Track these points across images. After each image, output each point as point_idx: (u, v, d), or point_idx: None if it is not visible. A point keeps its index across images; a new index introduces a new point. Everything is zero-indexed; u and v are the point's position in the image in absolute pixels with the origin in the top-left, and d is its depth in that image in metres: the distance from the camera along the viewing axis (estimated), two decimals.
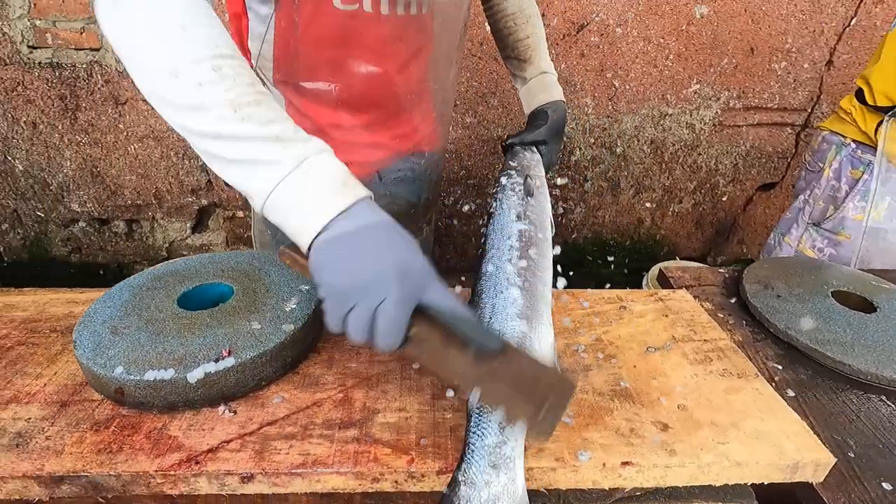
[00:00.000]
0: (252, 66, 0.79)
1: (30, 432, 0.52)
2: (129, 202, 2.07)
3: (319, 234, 0.46)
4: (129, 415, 0.55)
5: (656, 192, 2.15)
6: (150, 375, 0.52)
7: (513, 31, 0.96)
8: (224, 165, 0.49)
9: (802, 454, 0.53)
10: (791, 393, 0.69)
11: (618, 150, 2.05)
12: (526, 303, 0.58)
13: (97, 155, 1.96)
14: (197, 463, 0.49)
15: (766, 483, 0.55)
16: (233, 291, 0.66)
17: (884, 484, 0.57)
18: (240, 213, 2.15)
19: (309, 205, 0.46)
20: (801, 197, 1.21)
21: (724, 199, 2.19)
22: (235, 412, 0.55)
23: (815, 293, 0.85)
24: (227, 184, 0.49)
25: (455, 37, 0.88)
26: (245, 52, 0.78)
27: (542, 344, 0.56)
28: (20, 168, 1.98)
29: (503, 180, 0.76)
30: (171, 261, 0.73)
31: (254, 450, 0.51)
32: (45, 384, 0.58)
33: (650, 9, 1.78)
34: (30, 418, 0.54)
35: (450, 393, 0.59)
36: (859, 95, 1.09)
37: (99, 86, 1.83)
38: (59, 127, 1.90)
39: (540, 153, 0.86)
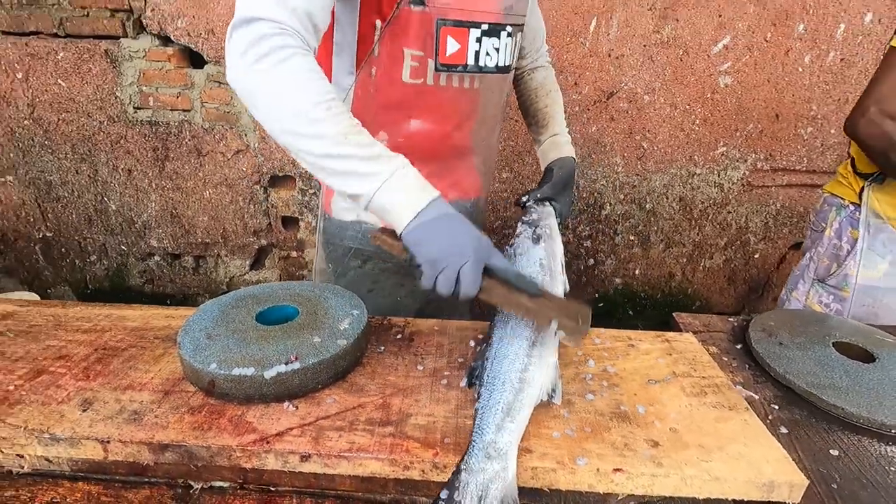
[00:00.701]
0: None
1: (142, 411, 0.67)
2: (200, 240, 2.33)
3: (411, 221, 0.66)
4: (216, 404, 0.69)
5: (686, 247, 2.22)
6: (237, 371, 0.67)
7: (534, 102, 1.13)
8: (335, 177, 0.68)
9: (778, 475, 0.61)
10: (784, 430, 0.76)
11: (647, 206, 2.15)
12: (531, 333, 0.70)
13: (178, 198, 2.24)
14: (267, 442, 0.62)
15: (746, 500, 0.62)
16: (298, 312, 0.81)
17: None
18: (293, 254, 2.37)
19: (401, 202, 0.67)
20: (808, 255, 1.28)
21: (756, 256, 2.23)
22: (297, 407, 0.69)
23: (817, 342, 0.92)
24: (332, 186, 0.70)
25: (498, 105, 1.05)
26: None
27: (544, 364, 0.67)
28: (113, 208, 2.28)
29: (518, 230, 0.90)
30: (249, 287, 0.90)
31: (311, 436, 0.64)
32: (152, 377, 0.74)
33: (676, 79, 1.93)
34: (142, 401, 0.69)
35: (463, 382, 0.71)
36: (852, 161, 1.18)
37: (186, 140, 2.13)
38: (150, 174, 2.21)
39: (552, 206, 0.99)
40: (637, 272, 2.28)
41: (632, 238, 2.22)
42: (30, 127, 2.13)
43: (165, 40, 1.99)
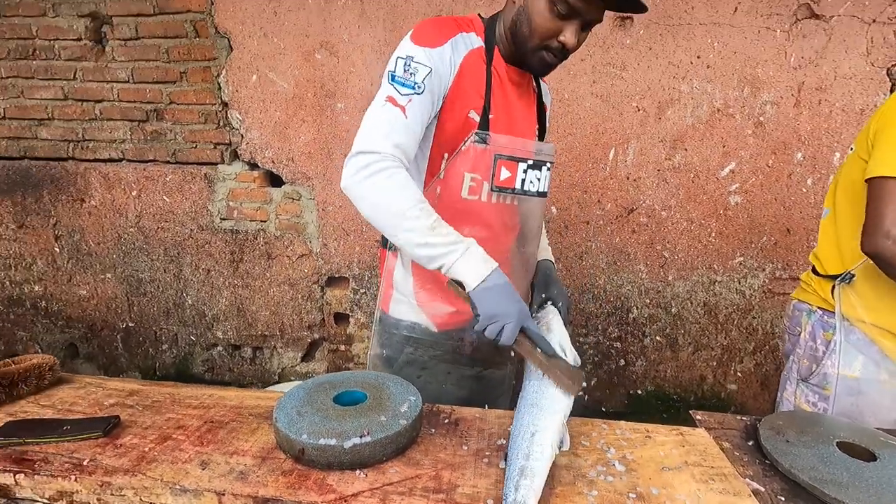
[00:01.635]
0: None
1: (247, 472, 0.85)
2: (260, 332, 2.58)
3: (477, 286, 0.94)
4: (303, 469, 0.86)
5: (715, 351, 2.30)
6: (322, 441, 0.85)
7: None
8: (425, 257, 0.96)
9: None
10: None
11: (673, 310, 2.29)
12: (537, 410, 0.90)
13: (245, 295, 2.55)
14: (344, 501, 0.79)
15: None
16: (366, 396, 1.00)
17: None
18: (342, 347, 2.57)
19: (470, 272, 0.94)
20: (791, 357, 1.38)
21: None
22: (367, 475, 0.85)
23: (821, 441, 1.02)
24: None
25: (537, 223, 1.28)
26: None
27: (550, 430, 0.84)
28: (189, 302, 2.60)
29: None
30: (323, 375, 1.10)
31: (379, 498, 0.79)
32: (251, 446, 0.93)
33: (689, 197, 2.17)
34: (246, 464, 0.87)
35: (502, 464, 0.86)
36: (814, 269, 1.33)
37: (259, 245, 2.48)
38: (224, 273, 2.54)
39: (553, 304, 1.17)
40: (668, 374, 2.35)
41: (660, 339, 2.32)
42: (134, 234, 2.54)
43: (253, 166, 2.42)
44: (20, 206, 2.57)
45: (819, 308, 1.31)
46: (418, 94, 1.01)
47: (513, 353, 1.09)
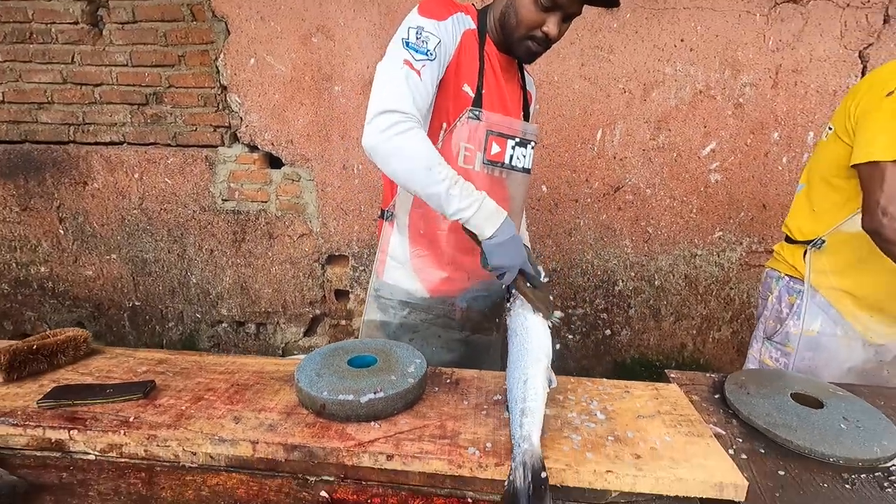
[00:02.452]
0: (394, 198, 1.29)
1: (275, 424, 0.97)
2: (263, 309, 2.69)
3: (490, 238, 1.05)
4: (324, 422, 0.98)
5: (695, 320, 2.45)
6: (341, 397, 0.97)
7: None
8: (446, 207, 1.04)
9: (726, 478, 0.85)
10: (744, 456, 0.99)
11: (656, 282, 2.43)
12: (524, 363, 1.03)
13: (248, 273, 2.64)
14: (363, 446, 0.91)
15: (707, 498, 0.86)
16: (377, 360, 1.12)
17: None
18: (342, 322, 2.69)
19: (485, 223, 1.05)
20: (760, 318, 1.53)
21: None
22: (380, 425, 0.97)
23: (777, 393, 1.16)
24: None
25: (522, 198, 1.38)
26: (394, 193, 1.29)
27: (537, 377, 0.97)
28: (194, 281, 2.69)
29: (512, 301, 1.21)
30: (337, 342, 1.21)
31: (393, 444, 0.92)
32: (276, 404, 1.04)
33: (672, 175, 2.29)
34: (273, 419, 0.99)
35: (506, 414, 0.99)
36: (787, 238, 1.47)
37: (261, 225, 2.56)
38: (227, 253, 2.63)
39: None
40: (651, 342, 2.50)
41: (644, 311, 2.47)
42: (137, 215, 2.61)
43: (253, 148, 2.48)
44: (23, 189, 2.62)
45: (787, 275, 1.46)
46: (431, 60, 1.07)
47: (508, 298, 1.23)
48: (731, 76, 2.15)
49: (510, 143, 1.23)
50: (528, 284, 1.08)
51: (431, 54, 1.08)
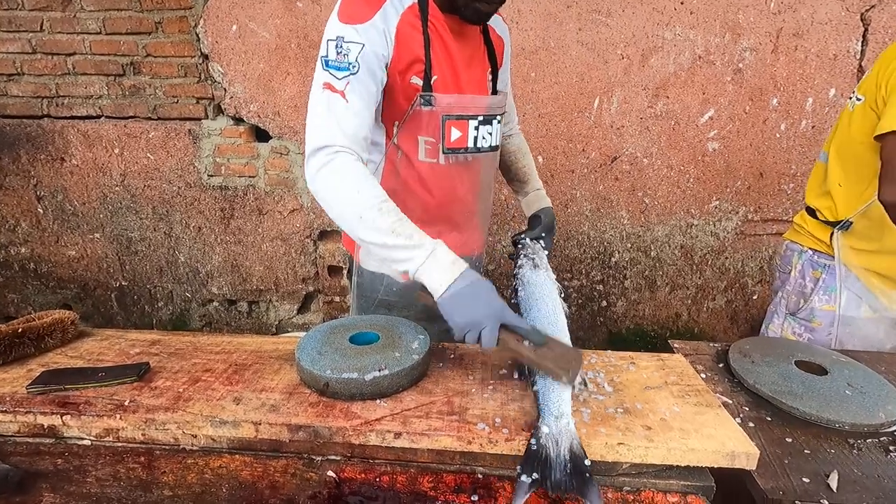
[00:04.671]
0: None
1: (277, 405, 0.94)
2: (255, 287, 2.64)
3: (443, 293, 0.91)
4: (327, 401, 0.95)
5: (690, 290, 2.46)
6: (345, 375, 0.94)
7: (514, 162, 1.43)
8: (388, 259, 0.95)
9: (737, 447, 0.85)
10: (751, 425, 0.99)
11: (652, 253, 2.42)
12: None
13: (238, 251, 2.58)
14: (370, 424, 0.89)
15: (719, 468, 0.85)
16: (379, 337, 1.09)
17: (804, 478, 0.86)
18: (336, 298, 2.66)
19: (436, 278, 0.91)
20: (779, 293, 1.52)
21: (755, 297, 2.45)
22: (386, 403, 0.95)
23: (782, 361, 1.16)
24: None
25: (492, 175, 1.34)
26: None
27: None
28: (182, 259, 2.63)
29: (521, 262, 1.18)
30: (336, 319, 1.18)
31: (400, 421, 0.90)
32: (277, 383, 1.01)
33: (670, 145, 2.25)
34: (275, 399, 0.96)
35: (515, 375, 0.98)
36: (809, 211, 1.45)
37: (250, 201, 2.49)
38: (216, 230, 2.56)
39: (541, 244, 1.26)
40: (647, 312, 2.52)
41: (640, 282, 2.47)
42: (120, 192, 2.52)
43: (238, 120, 2.39)
44: None
45: (810, 249, 1.44)
46: (354, 74, 0.97)
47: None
48: (731, 40, 2.09)
49: (472, 123, 1.14)
50: (527, 342, 0.88)
51: (354, 66, 0.97)
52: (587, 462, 0.79)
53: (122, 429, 0.92)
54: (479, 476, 0.89)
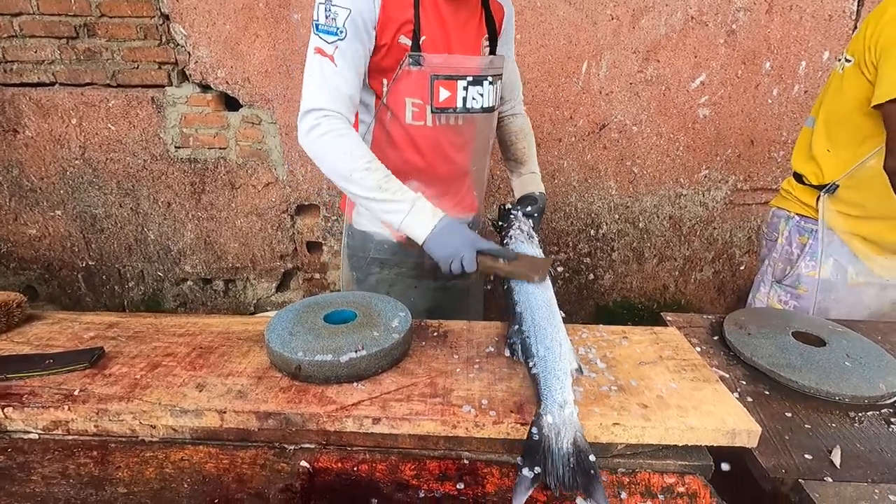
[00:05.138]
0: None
1: (245, 390, 0.86)
2: (230, 265, 2.53)
3: (427, 238, 1.02)
4: (300, 385, 0.88)
5: (677, 262, 2.42)
6: (318, 357, 0.86)
7: (514, 143, 1.40)
8: (376, 211, 1.04)
9: (738, 424, 0.80)
10: (749, 399, 0.95)
11: (640, 224, 2.37)
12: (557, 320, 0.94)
13: (211, 227, 2.46)
14: (346, 410, 0.81)
15: (717, 446, 0.81)
16: (356, 315, 1.01)
17: (806, 455, 0.82)
18: (316, 276, 2.57)
19: (418, 226, 1.03)
20: (766, 261, 1.48)
21: (742, 268, 2.43)
22: (364, 386, 0.88)
23: (778, 332, 1.11)
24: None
25: (487, 139, 1.30)
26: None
27: (567, 340, 0.88)
28: (152, 237, 2.50)
29: (513, 233, 1.13)
30: (311, 297, 1.10)
31: (379, 406, 0.83)
32: (245, 367, 0.93)
33: (660, 111, 2.17)
34: (243, 384, 0.88)
35: (506, 352, 0.94)
36: (796, 177, 1.40)
37: (221, 175, 2.36)
38: (186, 206, 2.43)
39: (530, 223, 1.22)
40: (634, 285, 2.48)
41: (627, 254, 2.42)
42: (80, 166, 2.36)
43: (205, 87, 2.23)
44: None
45: (797, 214, 1.40)
46: (342, 39, 1.02)
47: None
48: (724, 0, 2.00)
49: (461, 83, 1.13)
50: (501, 260, 1.02)
51: (341, 31, 1.02)
52: (592, 458, 0.73)
53: (72, 421, 0.84)
54: (465, 462, 0.83)
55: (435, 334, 1.07)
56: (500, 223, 1.23)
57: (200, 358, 0.96)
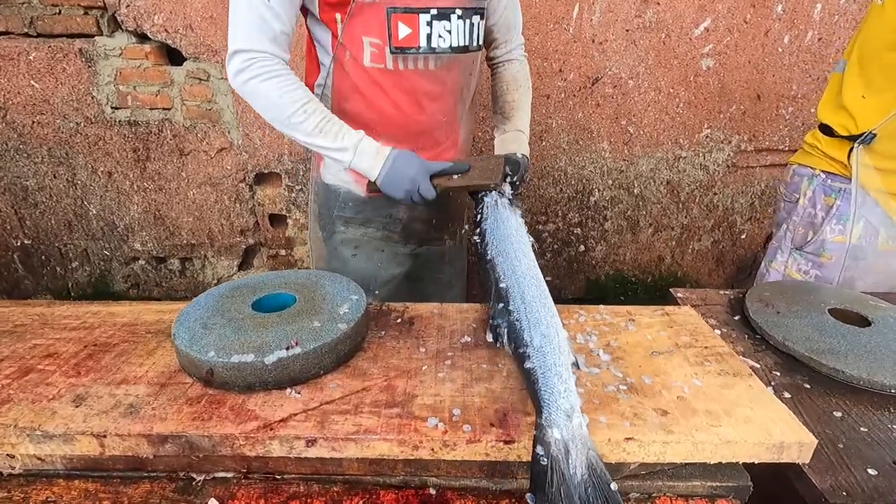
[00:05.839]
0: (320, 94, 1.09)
1: (139, 404, 0.65)
2: (185, 242, 2.28)
3: (377, 178, 0.96)
4: (216, 394, 0.67)
5: (675, 231, 2.24)
6: (236, 359, 0.65)
7: (504, 93, 1.20)
8: (322, 153, 0.98)
9: (787, 435, 0.61)
10: (787, 395, 0.77)
11: (635, 190, 2.16)
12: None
13: (161, 200, 2.20)
14: (271, 429, 0.61)
15: (757, 463, 0.62)
16: (295, 299, 0.79)
17: (869, 470, 0.63)
18: (282, 252, 2.33)
19: (367, 167, 0.96)
20: (784, 226, 1.30)
21: (743, 236, 2.26)
22: (300, 393, 0.67)
23: (813, 310, 0.93)
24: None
25: (462, 84, 1.09)
26: (313, 87, 1.08)
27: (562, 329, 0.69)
28: (94, 212, 2.22)
29: (495, 197, 0.96)
30: (244, 277, 0.88)
31: (316, 421, 0.62)
32: (147, 370, 0.72)
33: (659, 62, 1.94)
34: (138, 395, 0.67)
35: (489, 337, 0.77)
36: (823, 129, 1.21)
37: (167, 139, 2.08)
38: (131, 175, 2.15)
39: (513, 187, 1.03)
40: (627, 257, 2.30)
41: (621, 223, 2.23)
42: (2, 131, 2.06)
43: (142, 38, 1.94)
44: None
45: (823, 172, 1.21)
46: None
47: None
48: None
49: (423, 18, 0.97)
50: (455, 176, 0.98)
51: None
52: (613, 486, 0.54)
53: None
54: (432, 491, 0.63)
55: (398, 321, 0.87)
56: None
57: (91, 359, 0.74)
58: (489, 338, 0.78)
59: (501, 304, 0.76)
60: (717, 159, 2.11)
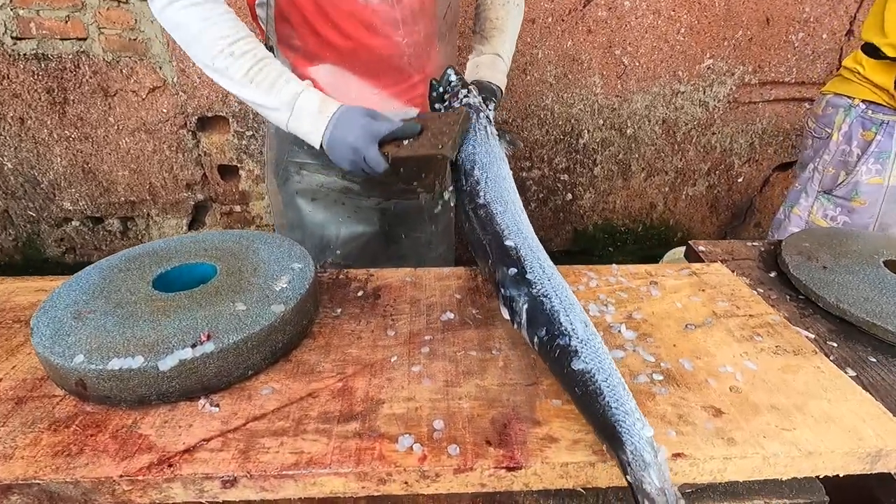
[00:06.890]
0: (263, 29, 0.88)
1: None
2: (123, 199, 2.00)
3: (320, 143, 0.75)
4: (95, 412, 0.47)
5: (669, 175, 2.07)
6: (116, 364, 0.45)
7: (486, 9, 0.98)
8: (254, 107, 0.77)
9: (885, 440, 0.45)
10: (851, 372, 0.61)
11: (628, 131, 1.96)
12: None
13: (88, 150, 1.89)
14: (170, 466, 0.42)
15: (837, 475, 0.47)
16: (216, 271, 0.58)
17: None
18: (237, 208, 2.08)
19: (307, 129, 0.76)
20: (810, 166, 1.14)
21: (740, 180, 2.10)
22: (218, 406, 0.48)
23: (865, 263, 0.77)
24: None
25: (433, 13, 0.86)
26: (255, 16, 0.88)
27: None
28: (9, 166, 1.91)
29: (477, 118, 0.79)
30: (150, 242, 0.66)
31: (238, 449, 0.43)
32: (0, 378, 0.51)
33: None
34: None
35: (504, 313, 0.56)
36: (868, 51, 1.02)
37: (87, 77, 1.76)
38: (48, 122, 1.83)
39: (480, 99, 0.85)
40: (617, 205, 2.13)
41: (612, 168, 2.04)
42: None
43: None
44: None
45: (863, 101, 1.03)
46: None
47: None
48: None
49: None
50: (406, 142, 0.76)
51: None
52: None
53: None
54: None
55: (360, 293, 0.67)
56: (437, 106, 0.82)
57: None
58: (504, 313, 0.55)
59: (514, 271, 0.55)
60: (718, 94, 1.91)
